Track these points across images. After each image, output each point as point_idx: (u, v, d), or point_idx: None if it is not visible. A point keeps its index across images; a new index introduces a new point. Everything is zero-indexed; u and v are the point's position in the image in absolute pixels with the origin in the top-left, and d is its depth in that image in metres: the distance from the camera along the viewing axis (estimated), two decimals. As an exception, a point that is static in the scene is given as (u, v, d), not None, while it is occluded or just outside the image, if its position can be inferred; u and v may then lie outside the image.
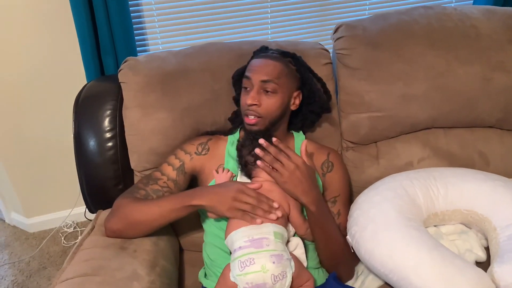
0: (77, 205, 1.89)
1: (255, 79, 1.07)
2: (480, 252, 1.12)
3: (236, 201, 0.95)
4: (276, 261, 0.89)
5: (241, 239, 0.93)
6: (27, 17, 1.56)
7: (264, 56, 1.11)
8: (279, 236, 0.94)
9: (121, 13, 1.50)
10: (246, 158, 1.03)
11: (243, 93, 1.11)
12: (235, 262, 0.91)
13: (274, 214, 0.95)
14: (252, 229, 0.94)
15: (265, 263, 0.89)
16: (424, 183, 1.17)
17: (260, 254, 0.90)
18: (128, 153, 1.23)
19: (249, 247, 0.91)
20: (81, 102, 1.24)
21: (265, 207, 0.95)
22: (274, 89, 1.07)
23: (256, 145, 1.00)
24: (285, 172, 0.96)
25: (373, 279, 1.09)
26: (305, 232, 1.02)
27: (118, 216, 1.03)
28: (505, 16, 1.34)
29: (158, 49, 1.76)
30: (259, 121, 1.07)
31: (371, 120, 1.29)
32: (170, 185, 1.09)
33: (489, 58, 1.28)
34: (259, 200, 0.96)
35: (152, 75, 1.21)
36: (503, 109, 1.31)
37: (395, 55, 1.27)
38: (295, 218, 1.01)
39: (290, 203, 1.00)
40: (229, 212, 0.96)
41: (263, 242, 0.91)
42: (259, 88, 1.07)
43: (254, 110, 1.07)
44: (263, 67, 1.08)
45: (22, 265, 1.82)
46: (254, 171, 1.03)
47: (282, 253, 0.92)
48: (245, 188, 0.97)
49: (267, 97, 1.07)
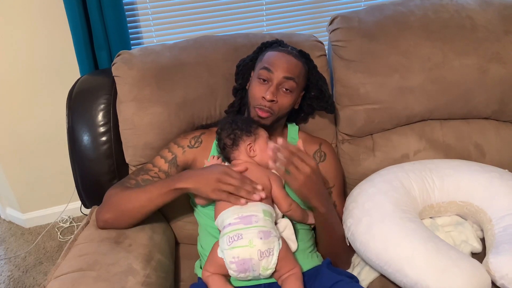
0: (72, 200, 1.89)
1: (278, 74, 1.06)
2: (476, 243, 1.13)
3: (220, 182, 0.95)
4: (264, 237, 0.91)
5: (231, 217, 0.94)
6: (19, 11, 1.54)
7: (285, 52, 1.10)
8: (268, 214, 0.96)
9: (114, 6, 1.48)
10: (225, 140, 1.05)
11: (258, 84, 1.09)
12: (224, 238, 0.93)
13: (258, 195, 0.96)
14: (242, 207, 0.96)
15: (252, 238, 0.90)
16: (419, 175, 1.17)
17: (248, 230, 0.91)
18: (123, 148, 1.22)
19: (239, 224, 0.93)
20: (75, 97, 1.23)
21: (248, 188, 0.96)
22: (292, 87, 1.08)
23: (235, 128, 1.03)
24: (300, 176, 0.93)
25: (369, 270, 1.10)
26: (289, 208, 1.02)
27: (107, 205, 1.04)
28: (501, 7, 1.33)
29: (152, 42, 1.75)
30: (270, 116, 1.08)
31: (367, 112, 1.29)
32: (161, 176, 1.09)
33: (485, 50, 1.28)
34: (243, 181, 0.96)
35: (146, 68, 1.20)
36: (499, 100, 1.31)
37: (391, 47, 1.26)
38: (277, 193, 1.02)
39: (272, 182, 1.02)
40: (213, 194, 0.97)
41: (252, 219, 0.93)
42: (279, 84, 1.07)
43: (270, 106, 1.07)
44: (286, 63, 1.07)
45: (18, 261, 1.81)
46: (233, 154, 1.05)
47: (270, 230, 0.93)
48: (228, 170, 0.98)
49: (283, 94, 1.08)
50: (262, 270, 0.91)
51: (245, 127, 1.05)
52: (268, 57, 1.10)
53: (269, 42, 1.19)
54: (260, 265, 0.91)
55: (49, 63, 1.66)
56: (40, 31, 1.59)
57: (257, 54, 1.18)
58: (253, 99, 1.09)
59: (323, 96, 1.17)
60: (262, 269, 0.91)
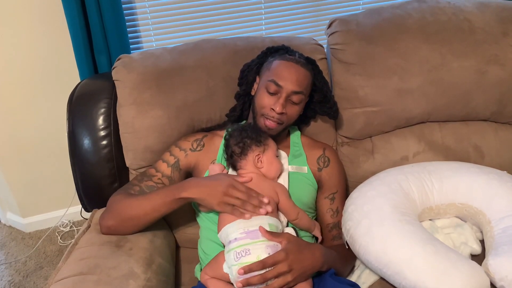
0: (73, 204, 1.89)
1: (287, 88, 1.06)
2: (475, 245, 1.13)
3: (226, 196, 0.95)
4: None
5: (236, 231, 0.93)
6: (20, 16, 1.55)
7: (293, 61, 1.09)
8: (274, 228, 0.95)
9: (113, 10, 1.48)
10: (233, 148, 1.03)
11: (266, 95, 1.08)
12: (230, 253, 0.91)
13: (264, 209, 0.95)
14: (247, 221, 0.94)
15: (260, 253, 0.89)
16: (418, 178, 1.18)
17: (256, 245, 0.90)
18: (123, 151, 1.22)
19: (245, 238, 0.92)
20: (75, 101, 1.24)
21: (255, 202, 0.95)
22: (300, 100, 1.09)
23: (244, 136, 1.01)
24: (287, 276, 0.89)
25: (369, 273, 1.10)
26: (296, 217, 1.02)
27: (111, 212, 1.04)
28: (498, 9, 1.34)
29: (151, 46, 1.75)
30: (277, 127, 1.08)
31: (366, 115, 1.29)
32: (164, 182, 1.09)
33: (483, 51, 1.28)
34: (249, 195, 0.96)
35: (146, 72, 1.20)
36: (497, 102, 1.31)
37: (390, 50, 1.27)
38: (284, 204, 1.01)
39: (278, 192, 1.01)
40: (219, 207, 0.96)
41: (259, 233, 0.92)
42: (287, 96, 1.07)
43: (279, 118, 1.07)
44: (295, 76, 1.07)
45: (18, 265, 1.81)
46: (240, 162, 1.03)
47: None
48: (235, 183, 0.97)
49: (292, 106, 1.08)
50: (270, 282, 0.90)
51: (255, 136, 1.03)
52: (276, 68, 1.08)
53: (274, 47, 1.17)
54: None
55: (49, 68, 1.66)
56: (40, 35, 1.60)
57: (262, 59, 1.17)
58: (261, 108, 1.09)
59: (327, 101, 1.17)
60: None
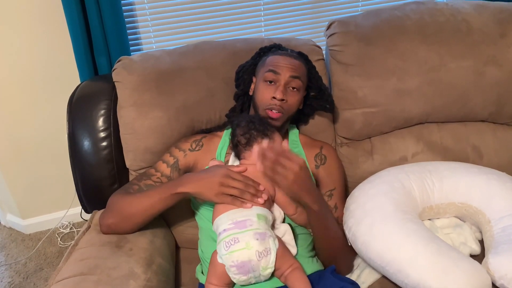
0: (73, 205, 1.89)
1: (284, 74, 1.09)
2: (474, 245, 1.13)
3: (222, 186, 0.94)
4: (260, 238, 0.91)
5: (225, 223, 0.94)
6: (20, 18, 1.55)
7: (287, 54, 1.13)
8: (262, 218, 0.95)
9: (113, 12, 1.49)
10: (239, 138, 1.04)
11: (265, 86, 1.10)
12: (221, 244, 0.93)
13: (262, 198, 0.96)
14: (235, 212, 0.95)
15: (249, 240, 0.90)
16: (419, 177, 1.18)
17: (244, 233, 0.91)
18: (123, 152, 1.23)
19: (233, 229, 0.93)
20: (75, 102, 1.24)
21: (252, 191, 0.95)
22: (299, 86, 1.11)
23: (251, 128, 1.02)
24: (289, 175, 0.90)
25: (370, 272, 1.10)
26: (295, 211, 1.02)
27: (110, 211, 1.05)
28: (496, 11, 1.34)
29: (151, 48, 1.76)
30: (281, 116, 1.09)
31: (365, 116, 1.30)
32: (163, 181, 1.10)
33: (481, 52, 1.29)
34: (246, 184, 0.96)
35: (146, 74, 1.21)
36: (495, 102, 1.32)
37: (388, 51, 1.28)
38: (282, 199, 1.01)
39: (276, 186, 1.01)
40: (217, 198, 0.96)
41: (246, 223, 0.93)
42: (286, 84, 1.09)
43: (281, 105, 1.08)
44: (290, 63, 1.10)
45: (18, 267, 1.81)
46: (244, 153, 1.04)
47: (265, 231, 0.93)
48: (230, 172, 0.96)
49: (291, 93, 1.10)
50: (262, 269, 0.92)
51: (262, 129, 1.04)
52: (271, 60, 1.12)
53: (267, 47, 1.21)
54: (260, 265, 0.91)
55: (49, 69, 1.67)
56: (40, 37, 1.60)
57: (255, 59, 1.20)
58: (262, 101, 1.10)
59: (323, 94, 1.19)
60: (262, 269, 0.91)
